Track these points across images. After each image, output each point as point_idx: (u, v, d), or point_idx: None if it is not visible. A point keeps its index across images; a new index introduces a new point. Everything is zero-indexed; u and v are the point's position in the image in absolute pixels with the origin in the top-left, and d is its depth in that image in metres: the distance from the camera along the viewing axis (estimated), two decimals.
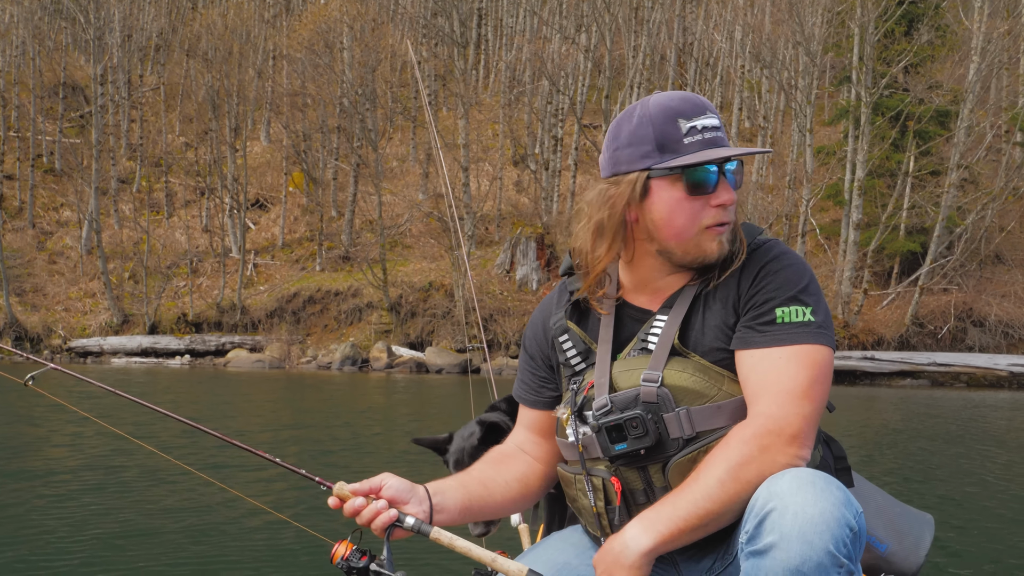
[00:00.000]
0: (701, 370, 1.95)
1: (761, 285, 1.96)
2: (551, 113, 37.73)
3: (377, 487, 1.99)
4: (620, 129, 2.02)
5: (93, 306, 32.78)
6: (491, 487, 2.16)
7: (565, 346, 2.14)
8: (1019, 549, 5.86)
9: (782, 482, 1.73)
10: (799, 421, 1.85)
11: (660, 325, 2.02)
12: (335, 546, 1.96)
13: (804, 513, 1.66)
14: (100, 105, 36.77)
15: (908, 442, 12.27)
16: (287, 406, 16.83)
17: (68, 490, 7.38)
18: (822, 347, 1.91)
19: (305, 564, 5.41)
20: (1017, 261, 33.09)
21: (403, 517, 1.96)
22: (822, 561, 1.64)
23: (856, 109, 31.49)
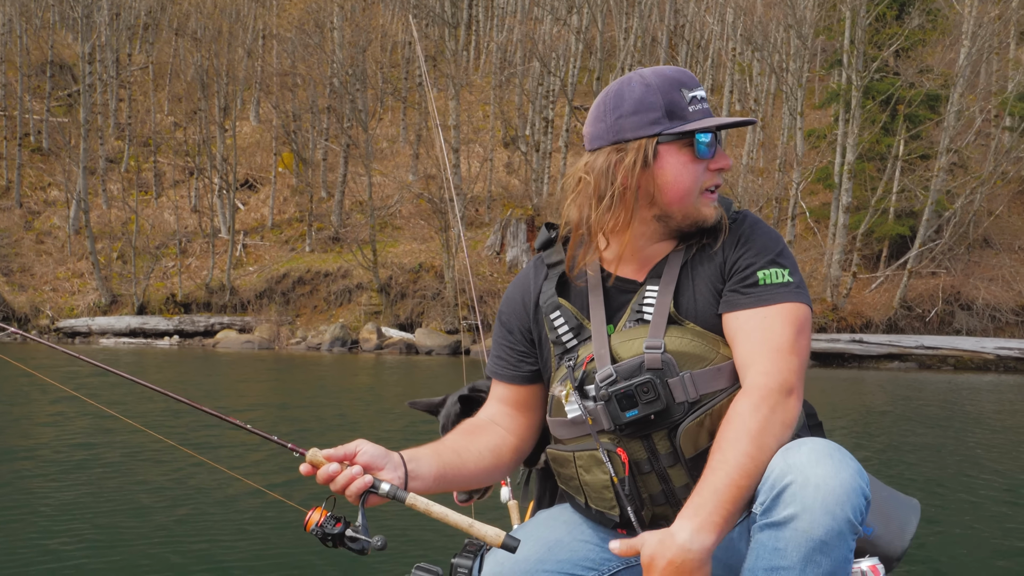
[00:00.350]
0: (698, 335, 2.02)
1: (743, 251, 2.05)
2: (542, 95, 37.63)
3: (352, 453, 1.97)
4: (622, 98, 2.07)
5: (81, 286, 32.66)
6: (464, 456, 2.16)
7: (557, 323, 2.15)
8: (1002, 532, 5.90)
9: (800, 454, 1.79)
10: (791, 375, 1.94)
11: (653, 295, 2.07)
12: (309, 513, 1.93)
13: (826, 485, 1.73)
14: (88, 84, 36.53)
15: (893, 424, 12.33)
16: (274, 386, 16.83)
17: (37, 465, 7.37)
18: (802, 304, 2.01)
19: (281, 532, 5.43)
20: (1005, 245, 33.21)
21: (378, 483, 1.94)
22: (843, 530, 1.73)
23: (847, 93, 31.49)
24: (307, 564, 4.81)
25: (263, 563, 4.89)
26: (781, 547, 1.75)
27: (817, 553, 1.73)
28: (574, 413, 2.05)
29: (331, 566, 4.75)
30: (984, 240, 33.07)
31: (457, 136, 33.06)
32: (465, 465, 2.16)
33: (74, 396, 7.54)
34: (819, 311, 29.23)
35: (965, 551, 5.40)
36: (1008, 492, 7.29)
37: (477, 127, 40.34)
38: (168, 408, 10.74)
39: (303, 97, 38.63)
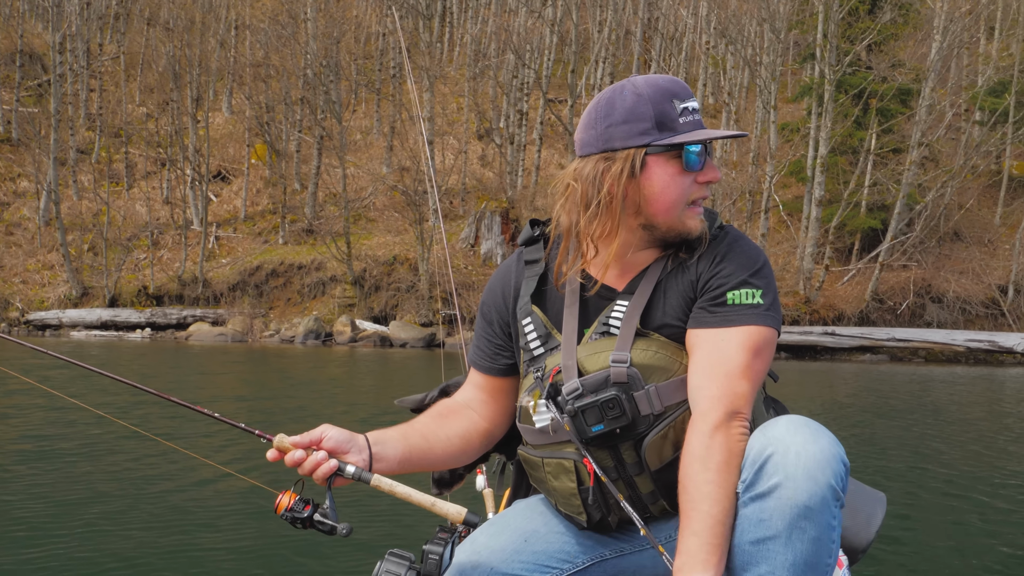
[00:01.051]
0: (663, 347, 2.05)
1: (718, 269, 2.05)
2: (516, 87, 37.60)
3: (317, 439, 2.03)
4: (613, 107, 2.08)
5: (52, 278, 32.34)
6: (432, 441, 2.21)
7: (527, 329, 2.19)
8: (965, 523, 5.96)
9: (778, 427, 1.85)
10: (739, 400, 1.93)
11: (622, 308, 2.09)
12: (279, 496, 2.00)
13: (806, 451, 1.78)
14: (59, 74, 36.14)
15: (863, 417, 12.43)
16: (244, 378, 16.74)
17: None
18: (765, 328, 2.01)
19: (251, 517, 5.42)
20: (975, 238, 33.55)
21: (343, 466, 2.01)
22: (826, 495, 1.77)
23: (820, 86, 31.67)
24: (278, 555, 4.78)
25: (237, 551, 4.86)
26: (766, 518, 1.79)
27: (802, 519, 1.77)
28: (542, 424, 2.10)
29: (307, 555, 4.73)
30: (955, 233, 33.38)
31: (431, 128, 32.99)
32: (432, 450, 2.21)
33: (38, 388, 7.46)
34: (792, 304, 29.42)
35: (931, 543, 5.45)
36: (974, 483, 7.36)
37: (451, 119, 40.27)
38: (135, 400, 10.69)
39: (276, 88, 38.40)
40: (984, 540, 5.44)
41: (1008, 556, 5.04)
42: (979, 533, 5.63)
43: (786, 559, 1.79)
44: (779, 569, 1.80)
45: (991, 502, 6.54)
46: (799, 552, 1.78)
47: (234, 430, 2.06)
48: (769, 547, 1.80)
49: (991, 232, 33.94)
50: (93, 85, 40.97)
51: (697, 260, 2.08)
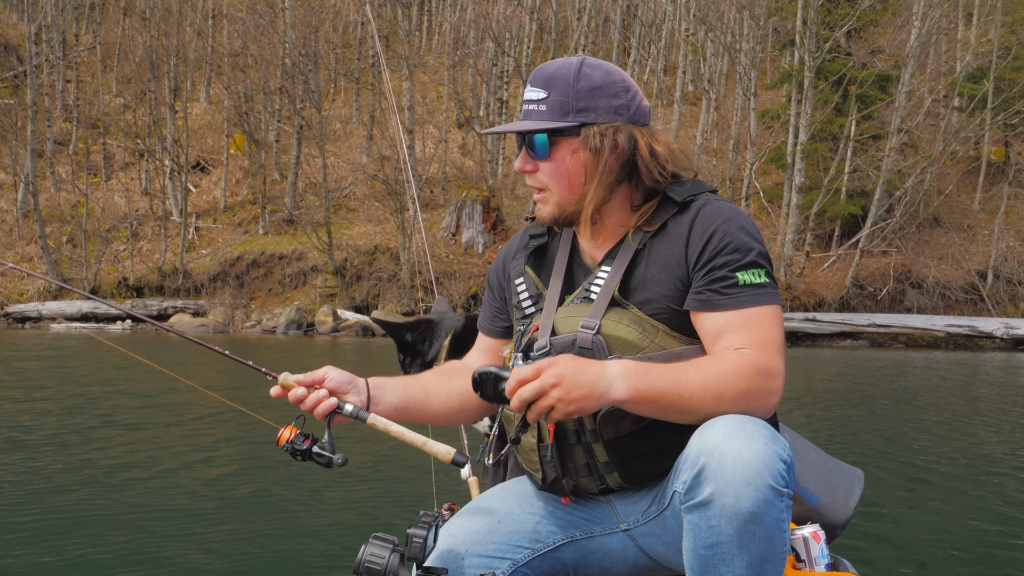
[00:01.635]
0: (637, 322, 2.07)
1: (720, 246, 2.05)
2: (496, 75, 37.51)
3: (320, 379, 2.17)
4: None
5: (30, 270, 32.10)
6: (431, 394, 2.33)
7: (519, 289, 2.29)
8: (943, 503, 6.01)
9: (714, 432, 1.84)
10: (781, 376, 2.00)
11: (603, 276, 2.14)
12: (280, 430, 2.15)
13: (743, 458, 1.78)
14: (35, 65, 35.80)
15: (843, 400, 12.50)
16: (224, 369, 16.66)
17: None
18: (777, 305, 2.07)
19: (255, 448, 5.41)
20: (954, 224, 33.75)
21: (343, 405, 2.15)
22: (768, 498, 1.78)
23: (799, 73, 31.72)
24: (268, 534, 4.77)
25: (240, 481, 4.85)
26: (714, 524, 1.81)
27: (749, 524, 1.79)
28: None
29: (296, 538, 4.71)
30: (934, 219, 33.57)
31: (411, 117, 32.87)
32: (430, 402, 2.32)
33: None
34: None
35: (909, 519, 5.51)
36: (950, 464, 7.42)
37: (431, 108, 40.14)
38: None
39: (255, 78, 38.15)
40: (951, 518, 5.49)
41: (975, 530, 5.08)
42: (943, 511, 5.69)
43: (742, 560, 1.82)
44: (737, 568, 1.82)
45: (958, 486, 6.60)
46: (754, 551, 1.81)
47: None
48: (723, 551, 1.82)
49: (970, 218, 34.14)
50: (69, 76, 40.62)
51: (688, 235, 2.09)
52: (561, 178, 2.17)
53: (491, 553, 2.17)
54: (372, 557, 1.97)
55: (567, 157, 2.15)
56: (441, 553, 2.15)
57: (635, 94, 2.18)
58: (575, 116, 2.13)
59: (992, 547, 4.86)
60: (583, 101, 2.13)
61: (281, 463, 6.76)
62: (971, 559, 4.67)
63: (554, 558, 2.23)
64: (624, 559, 2.22)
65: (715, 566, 1.83)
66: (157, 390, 11.28)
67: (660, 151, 2.16)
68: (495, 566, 2.17)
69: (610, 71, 2.17)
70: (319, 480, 6.31)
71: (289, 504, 5.83)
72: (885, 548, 4.86)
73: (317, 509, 5.73)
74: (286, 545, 4.81)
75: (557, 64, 2.16)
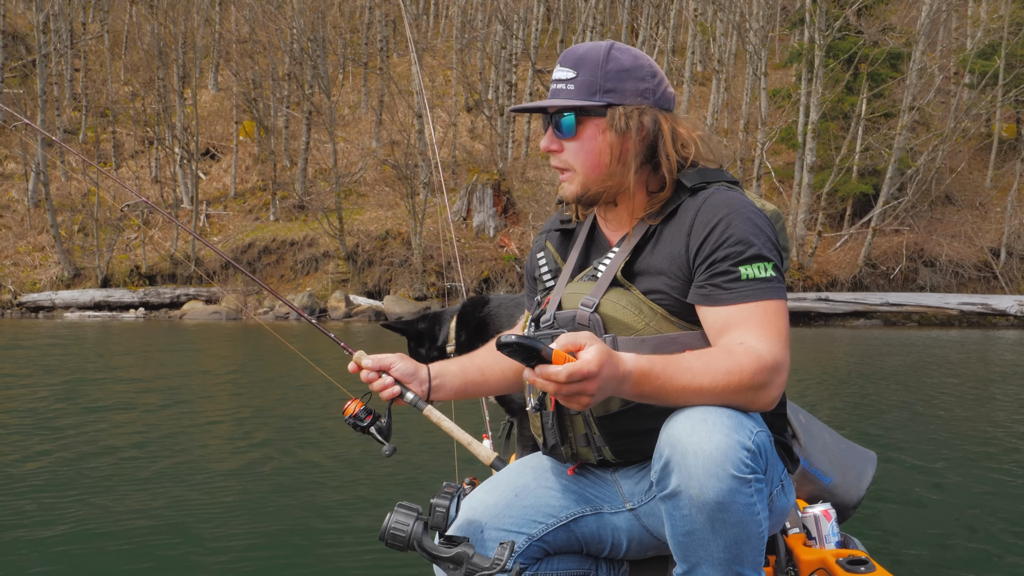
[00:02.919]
0: (635, 304, 2.14)
1: (722, 239, 2.08)
2: (505, 58, 37.39)
3: (387, 366, 2.40)
4: None
5: (43, 260, 32.20)
6: (487, 374, 2.53)
7: (540, 263, 2.46)
8: (963, 482, 6.00)
9: (677, 425, 1.91)
10: (787, 369, 2.03)
11: (611, 257, 2.25)
12: (348, 402, 2.41)
13: (703, 451, 1.85)
14: (43, 54, 35.80)
15: (857, 380, 12.49)
16: (240, 355, 16.73)
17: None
18: (783, 301, 2.09)
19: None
20: (966, 201, 33.61)
21: (405, 392, 2.40)
22: (731, 486, 1.85)
23: (809, 52, 31.55)
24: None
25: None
26: (686, 514, 1.90)
27: (718, 512, 1.86)
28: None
29: (321, 517, 4.75)
30: (946, 197, 33.43)
31: (422, 101, 32.78)
32: (487, 381, 2.54)
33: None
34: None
35: (923, 500, 5.51)
36: (965, 444, 7.41)
37: (440, 92, 40.04)
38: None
39: (264, 64, 38.10)
40: (966, 498, 5.48)
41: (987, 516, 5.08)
42: (959, 490, 5.69)
43: (718, 545, 1.90)
44: (715, 552, 1.92)
45: (973, 466, 6.58)
46: (727, 536, 1.90)
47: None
48: (698, 537, 1.91)
49: (982, 195, 34.00)
50: (77, 65, 40.61)
51: (692, 224, 2.13)
52: (587, 157, 2.21)
53: (508, 527, 2.29)
54: (397, 524, 2.08)
55: (595, 137, 2.20)
56: (462, 524, 2.27)
57: (661, 79, 2.24)
58: (602, 96, 2.18)
59: (1008, 526, 4.86)
60: (611, 82, 2.18)
61: (312, 435, 7.05)
62: (984, 537, 4.66)
63: (568, 531, 2.34)
64: (631, 537, 2.33)
65: (694, 551, 1.93)
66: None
67: (683, 136, 2.23)
68: (513, 539, 2.27)
69: (638, 56, 2.22)
70: (349, 451, 6.61)
71: (318, 472, 6.11)
72: (898, 528, 4.87)
73: (345, 479, 5.88)
74: (310, 515, 4.95)
75: (587, 46, 2.21)
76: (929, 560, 4.28)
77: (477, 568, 2.04)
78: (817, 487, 2.97)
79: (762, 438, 1.95)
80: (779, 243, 2.16)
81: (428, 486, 5.31)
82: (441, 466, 5.86)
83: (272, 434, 7.69)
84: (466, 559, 2.06)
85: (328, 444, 7.10)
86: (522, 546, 2.29)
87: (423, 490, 5.26)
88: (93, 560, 4.18)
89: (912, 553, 4.40)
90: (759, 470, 1.91)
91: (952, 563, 4.22)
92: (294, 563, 4.16)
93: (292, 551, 4.34)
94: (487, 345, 2.61)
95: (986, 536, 4.70)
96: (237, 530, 4.68)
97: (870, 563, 2.51)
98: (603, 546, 2.37)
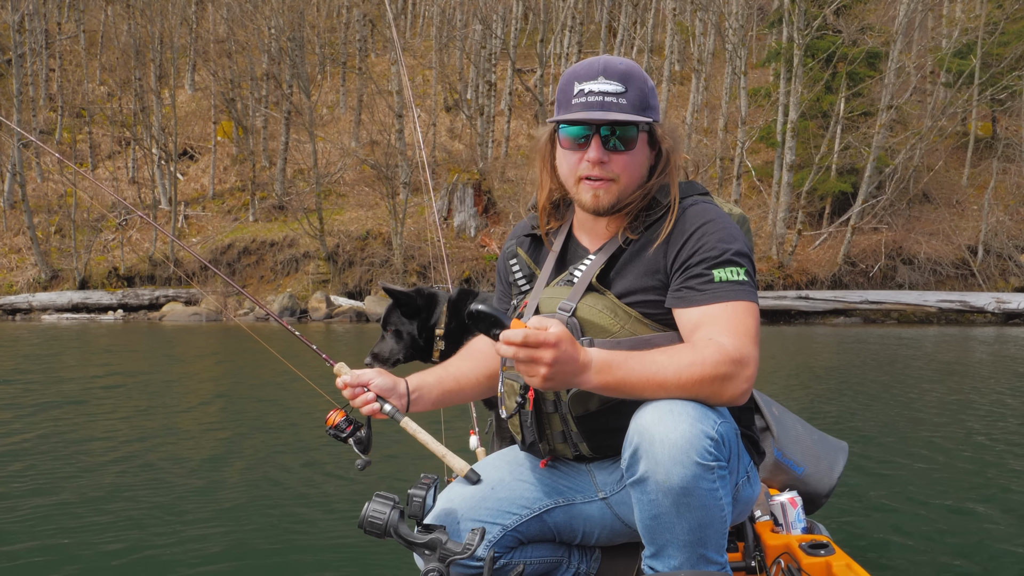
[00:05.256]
0: (611, 308, 2.26)
1: (697, 247, 2.22)
2: (484, 58, 37.35)
3: (366, 382, 2.49)
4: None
5: (19, 262, 31.93)
6: (463, 383, 2.62)
7: (514, 269, 2.55)
8: (929, 473, 6.03)
9: (645, 415, 2.03)
10: (754, 364, 2.12)
11: (587, 264, 2.36)
12: (331, 412, 2.51)
13: (668, 439, 1.97)
14: (19, 54, 35.50)
15: (834, 377, 12.55)
16: (226, 357, 16.65)
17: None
18: (754, 304, 2.19)
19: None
20: (944, 199, 33.81)
21: (383, 405, 2.47)
22: (695, 473, 1.98)
23: (788, 51, 31.66)
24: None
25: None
26: (653, 498, 2.03)
27: (683, 496, 2.00)
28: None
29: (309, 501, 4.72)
30: (924, 195, 33.62)
31: (400, 101, 32.70)
32: (463, 390, 2.63)
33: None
34: (765, 269, 29.56)
35: (896, 488, 5.56)
36: (939, 435, 7.46)
37: (419, 92, 39.96)
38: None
39: (242, 63, 37.90)
40: (937, 486, 5.52)
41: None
42: (932, 478, 5.72)
43: (682, 527, 2.04)
44: (680, 535, 2.06)
45: (947, 456, 6.63)
46: (691, 519, 2.03)
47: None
48: (664, 520, 2.05)
49: (959, 193, 34.21)
50: (53, 65, 40.31)
51: (671, 234, 2.26)
52: (633, 170, 2.32)
53: (483, 518, 2.40)
54: (374, 513, 2.20)
55: (642, 151, 2.33)
56: (439, 514, 2.40)
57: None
58: (647, 113, 2.31)
59: (976, 515, 4.93)
60: (651, 100, 2.33)
61: (297, 432, 7.04)
62: (958, 525, 4.74)
63: (541, 522, 2.46)
64: (603, 525, 2.45)
65: (661, 533, 2.07)
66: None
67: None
68: (487, 529, 2.39)
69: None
70: (331, 448, 6.57)
71: (299, 468, 6.22)
72: (870, 515, 4.93)
73: (327, 474, 5.95)
74: (294, 507, 5.04)
75: (622, 61, 2.31)
76: (893, 545, 4.29)
77: (450, 553, 2.17)
78: (790, 477, 3.09)
79: (726, 428, 2.06)
80: (751, 251, 2.29)
81: (411, 480, 5.35)
82: (427, 458, 5.87)
83: (239, 431, 7.58)
84: (439, 545, 2.18)
85: (306, 440, 7.00)
86: (497, 536, 2.41)
87: (406, 483, 5.30)
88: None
89: (885, 539, 4.43)
90: (722, 458, 2.03)
91: (922, 548, 4.23)
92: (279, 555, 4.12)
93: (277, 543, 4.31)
94: (460, 352, 2.74)
95: (958, 521, 4.77)
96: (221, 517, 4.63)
97: (830, 547, 2.66)
98: (575, 535, 2.50)
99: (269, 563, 4.14)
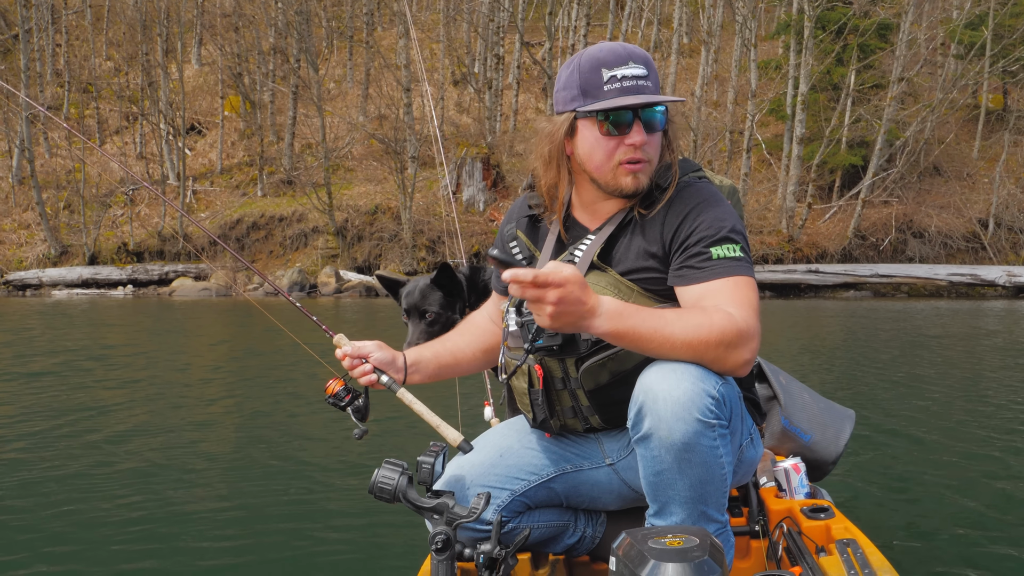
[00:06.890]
0: (613, 284, 2.32)
1: (694, 226, 2.27)
2: (492, 31, 37.13)
3: (366, 354, 2.54)
4: (561, 75, 2.39)
5: (29, 237, 32.00)
6: (459, 357, 2.73)
7: (514, 250, 2.60)
8: (939, 442, 6.02)
9: (649, 374, 2.10)
10: (758, 337, 2.17)
11: (588, 242, 2.42)
12: (330, 381, 2.54)
13: (672, 396, 2.04)
14: (26, 29, 35.43)
15: (844, 350, 12.54)
16: (237, 332, 16.69)
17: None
18: (752, 278, 2.26)
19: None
20: (954, 172, 33.63)
21: (381, 376, 2.52)
22: (697, 429, 2.05)
23: (798, 23, 31.42)
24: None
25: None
26: (656, 455, 2.10)
27: (684, 452, 2.07)
28: (511, 328, 2.42)
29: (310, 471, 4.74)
30: (934, 168, 33.45)
31: (408, 75, 32.56)
32: (460, 364, 2.73)
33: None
34: (775, 243, 29.49)
35: (903, 455, 5.57)
36: (948, 406, 7.45)
37: (426, 66, 39.76)
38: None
39: (249, 38, 37.77)
40: (945, 455, 5.52)
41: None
42: (939, 447, 5.73)
43: (683, 483, 2.11)
44: (681, 491, 2.12)
45: (955, 425, 6.61)
46: (692, 475, 2.10)
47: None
48: (666, 477, 2.12)
49: (970, 166, 34.02)
50: (59, 40, 40.22)
51: (667, 212, 2.32)
52: (659, 150, 2.38)
53: (492, 484, 2.48)
54: (384, 479, 2.26)
55: (667, 131, 2.39)
56: (448, 480, 2.47)
57: None
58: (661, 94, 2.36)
59: (983, 484, 4.91)
60: (659, 82, 2.38)
61: (303, 402, 7.09)
62: (960, 490, 4.74)
63: (548, 488, 2.53)
64: (609, 490, 2.53)
65: (663, 490, 2.14)
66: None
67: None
68: (495, 495, 2.46)
69: None
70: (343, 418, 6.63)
71: (313, 433, 6.29)
72: (876, 482, 4.93)
73: (342, 442, 5.94)
74: (309, 476, 5.01)
75: (634, 47, 2.34)
76: (900, 512, 4.29)
77: (457, 517, 2.24)
78: (797, 444, 3.14)
79: (727, 390, 2.13)
80: (743, 227, 2.34)
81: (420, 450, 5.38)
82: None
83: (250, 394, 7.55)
84: (447, 509, 2.25)
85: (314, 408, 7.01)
86: (505, 500, 2.49)
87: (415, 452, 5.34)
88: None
89: (888, 508, 4.43)
90: (723, 417, 2.10)
91: (928, 519, 4.23)
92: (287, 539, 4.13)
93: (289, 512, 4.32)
94: (458, 327, 2.84)
95: (963, 486, 4.78)
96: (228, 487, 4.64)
97: (831, 510, 2.71)
98: (582, 500, 2.58)
99: (281, 528, 4.14)
